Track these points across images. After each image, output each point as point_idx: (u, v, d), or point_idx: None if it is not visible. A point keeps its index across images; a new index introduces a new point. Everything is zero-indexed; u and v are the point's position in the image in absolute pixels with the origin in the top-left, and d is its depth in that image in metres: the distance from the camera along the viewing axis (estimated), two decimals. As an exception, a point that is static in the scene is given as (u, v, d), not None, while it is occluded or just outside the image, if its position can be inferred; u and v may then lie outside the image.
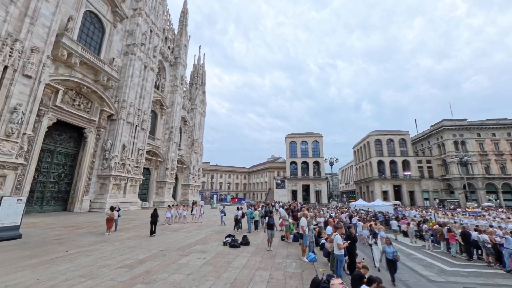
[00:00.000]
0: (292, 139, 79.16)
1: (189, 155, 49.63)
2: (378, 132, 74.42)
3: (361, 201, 37.80)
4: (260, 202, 67.36)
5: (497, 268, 11.21)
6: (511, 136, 62.98)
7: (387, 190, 68.20)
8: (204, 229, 17.27)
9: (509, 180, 60.36)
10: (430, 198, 67.34)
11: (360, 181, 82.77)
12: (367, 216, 21.53)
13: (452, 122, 66.47)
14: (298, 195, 73.30)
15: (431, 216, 19.75)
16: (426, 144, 75.16)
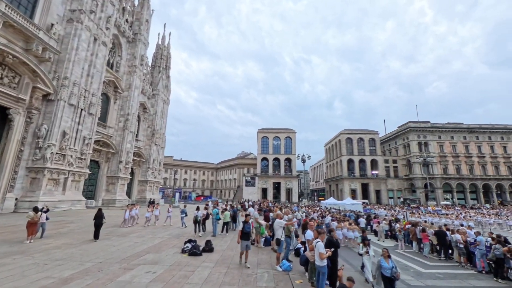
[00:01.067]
0: (264, 134, 78.92)
1: (148, 147, 46.02)
2: (349, 131, 77.91)
3: (332, 200, 38.93)
4: (228, 200, 66.07)
5: (468, 268, 11.63)
6: (467, 140, 70.90)
7: (356, 189, 72.04)
8: (160, 232, 15.49)
9: (462, 180, 68.03)
10: (394, 197, 72.90)
11: (330, 179, 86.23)
12: (340, 215, 21.71)
13: (417, 124, 72.43)
14: (269, 193, 73.63)
15: (404, 216, 20.68)
16: (393, 144, 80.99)
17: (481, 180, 67.80)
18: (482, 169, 68.95)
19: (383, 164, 75.30)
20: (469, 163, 69.30)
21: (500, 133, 70.82)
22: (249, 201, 39.47)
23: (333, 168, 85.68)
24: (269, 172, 76.36)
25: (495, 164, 68.97)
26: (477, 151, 70.06)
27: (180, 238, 13.57)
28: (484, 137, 70.80)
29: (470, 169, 69.13)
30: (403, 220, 19.13)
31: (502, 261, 10.24)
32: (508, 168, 68.68)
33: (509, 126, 71.29)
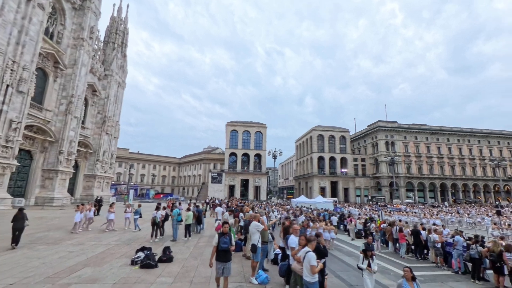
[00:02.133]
0: (233, 128, 77.43)
1: (98, 137, 41.57)
2: (321, 128, 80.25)
3: (303, 198, 39.30)
4: (192, 198, 63.51)
5: (445, 269, 11.91)
6: (428, 141, 77.82)
7: (325, 187, 74.72)
8: (106, 238, 13.45)
9: (423, 180, 74.68)
10: (361, 195, 77.32)
11: (300, 177, 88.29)
12: (314, 215, 21.56)
13: (386, 123, 77.36)
14: (236, 191, 72.69)
15: (379, 215, 21.30)
16: (362, 142, 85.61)
17: (439, 179, 75.16)
18: (440, 169, 76.43)
19: (352, 162, 79.18)
20: (430, 163, 76.27)
21: (457, 136, 79.09)
22: (215, 199, 37.96)
23: (303, 165, 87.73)
24: (237, 168, 75.33)
25: (451, 164, 76.93)
26: (437, 152, 77.35)
27: (132, 245, 11.79)
28: (443, 138, 78.41)
29: (430, 168, 76.16)
30: (378, 220, 19.59)
31: (479, 262, 10.59)
32: (462, 168, 77.12)
33: (464, 129, 79.93)
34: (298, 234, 6.55)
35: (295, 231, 6.54)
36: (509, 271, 9.48)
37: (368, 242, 8.03)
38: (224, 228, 6.17)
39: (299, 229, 6.60)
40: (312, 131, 79.75)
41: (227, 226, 6.17)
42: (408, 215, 25.68)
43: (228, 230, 6.13)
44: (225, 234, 6.13)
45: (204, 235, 15.57)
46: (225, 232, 6.18)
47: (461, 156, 77.63)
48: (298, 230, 6.58)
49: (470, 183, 76.10)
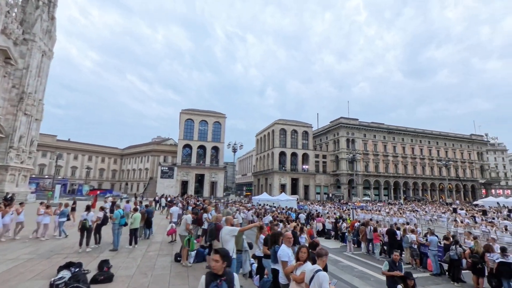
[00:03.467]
0: (189, 116, 73.73)
1: (12, 117, 35.02)
2: (284, 121, 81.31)
3: (266, 195, 38.95)
4: (137, 195, 58.61)
5: (421, 271, 12.13)
6: (385, 140, 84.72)
7: (285, 184, 76.19)
8: (15, 248, 10.64)
9: (379, 178, 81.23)
10: (321, 193, 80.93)
11: (260, 173, 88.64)
12: (282, 214, 20.92)
13: (348, 120, 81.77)
14: (190, 187, 69.67)
15: (350, 214, 21.66)
16: (324, 139, 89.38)
17: (393, 177, 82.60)
18: (395, 167, 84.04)
19: (314, 159, 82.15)
20: (386, 161, 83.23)
21: (410, 136, 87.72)
22: (167, 196, 35.16)
23: (263, 161, 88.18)
24: (192, 161, 72.23)
25: (404, 163, 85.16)
26: (392, 151, 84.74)
27: (53, 259, 9.39)
28: (399, 138, 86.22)
29: (386, 167, 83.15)
30: (348, 219, 19.79)
31: (458, 263, 10.89)
32: (413, 167, 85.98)
33: (417, 130, 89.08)
34: (291, 243, 5.37)
35: (287, 240, 5.36)
36: (489, 272, 9.85)
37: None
38: (214, 266, 3.41)
39: (291, 237, 5.42)
40: (274, 124, 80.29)
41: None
42: (372, 213, 26.94)
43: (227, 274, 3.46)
44: (219, 278, 3.34)
45: (155, 241, 13.60)
46: (218, 273, 3.37)
47: (413, 156, 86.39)
48: (291, 239, 5.40)
49: (419, 182, 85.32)
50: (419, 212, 31.51)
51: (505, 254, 9.53)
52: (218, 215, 9.73)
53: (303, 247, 4.78)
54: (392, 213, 27.03)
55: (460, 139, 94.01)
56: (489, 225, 19.55)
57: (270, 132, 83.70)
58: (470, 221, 24.05)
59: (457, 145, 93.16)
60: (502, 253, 9.58)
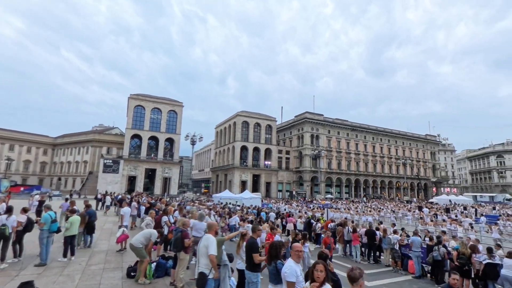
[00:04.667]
0: (139, 102, 68.82)
1: None
2: (247, 113, 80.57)
3: (228, 193, 37.95)
4: (73, 192, 52.78)
5: (403, 273, 12.19)
6: (349, 137, 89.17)
7: (246, 180, 75.88)
8: None
9: (341, 175, 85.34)
10: (283, 190, 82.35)
11: (219, 168, 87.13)
12: (247, 214, 20.02)
13: (312, 115, 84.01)
14: (138, 183, 65.38)
15: (323, 213, 21.58)
16: (288, 134, 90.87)
17: (355, 175, 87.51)
18: (357, 165, 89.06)
19: (277, 154, 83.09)
20: (348, 159, 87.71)
21: (372, 134, 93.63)
22: (110, 193, 31.87)
23: (223, 155, 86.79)
24: (141, 154, 67.79)
25: (366, 161, 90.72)
26: (355, 148, 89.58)
27: None
28: (361, 136, 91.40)
29: (348, 164, 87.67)
30: (322, 218, 19.67)
31: (442, 264, 11.07)
32: (373, 165, 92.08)
33: (379, 128, 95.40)
34: (300, 258, 4.37)
35: (296, 253, 4.34)
36: (474, 273, 10.10)
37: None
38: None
39: (301, 250, 4.42)
40: (236, 116, 79.13)
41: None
42: (341, 212, 27.60)
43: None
44: None
45: (98, 249, 11.64)
46: None
47: (374, 154, 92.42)
48: (300, 253, 4.39)
49: (378, 180, 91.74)
50: (385, 210, 33.26)
51: (492, 255, 9.84)
52: (184, 219, 8.38)
53: (319, 264, 3.81)
54: (361, 211, 27.99)
55: (417, 138, 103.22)
56: (454, 222, 21.08)
57: (231, 124, 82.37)
58: (434, 219, 25.90)
59: (414, 145, 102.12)
60: (488, 254, 9.88)
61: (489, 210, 38.92)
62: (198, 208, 23.99)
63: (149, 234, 8.15)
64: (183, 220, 7.93)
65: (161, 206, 13.74)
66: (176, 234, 7.68)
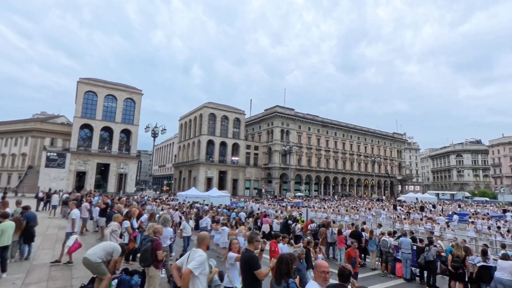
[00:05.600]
0: (90, 88, 63.74)
1: None
2: (214, 105, 78.74)
3: (194, 191, 36.54)
4: (8, 190, 47.32)
5: (391, 277, 12.01)
6: (319, 133, 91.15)
7: (212, 177, 74.35)
8: None
9: (311, 172, 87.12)
10: (251, 187, 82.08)
11: (182, 164, 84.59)
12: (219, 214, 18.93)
13: (283, 109, 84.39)
14: (88, 179, 60.74)
15: (301, 213, 21.11)
16: (257, 128, 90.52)
17: (324, 172, 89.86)
18: (326, 162, 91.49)
19: (245, 150, 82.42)
20: (318, 155, 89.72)
21: (343, 131, 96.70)
22: (55, 191, 28.69)
23: (187, 150, 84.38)
24: (92, 147, 63.12)
25: (335, 158, 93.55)
26: (325, 145, 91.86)
27: None
28: (332, 132, 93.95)
29: (318, 161, 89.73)
30: (300, 219, 19.24)
31: (434, 266, 11.03)
32: (343, 162, 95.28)
33: (350, 125, 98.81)
34: (327, 281, 3.49)
35: (321, 274, 3.45)
36: (468, 276, 10.12)
37: None
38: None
39: (328, 271, 3.53)
40: (203, 107, 77.05)
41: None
42: (315, 210, 27.62)
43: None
44: None
45: (39, 262, 9.85)
46: None
47: (343, 151, 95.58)
48: (328, 274, 3.51)
49: (347, 177, 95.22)
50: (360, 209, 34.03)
51: (487, 257, 9.90)
52: (156, 226, 7.15)
53: None
54: (337, 210, 28.24)
55: (385, 137, 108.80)
56: (429, 221, 21.89)
57: (197, 116, 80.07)
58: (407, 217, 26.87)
59: (382, 143, 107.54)
60: (483, 256, 9.92)
61: (454, 208, 41.83)
62: (162, 209, 22.40)
63: (111, 249, 6.70)
64: (155, 227, 6.71)
65: (121, 208, 12.13)
66: (145, 245, 6.46)
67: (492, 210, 37.62)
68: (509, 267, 9.22)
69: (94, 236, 14.47)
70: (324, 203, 43.44)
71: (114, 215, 9.02)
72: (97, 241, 13.39)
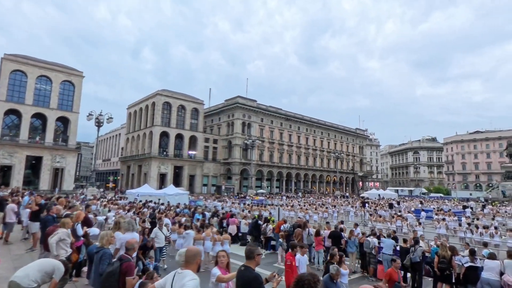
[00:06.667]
0: (19, 67, 57.26)
1: None
2: (169, 93, 75.56)
3: (148, 188, 34.25)
4: None
5: (373, 280, 11.81)
6: (282, 127, 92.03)
7: (167, 173, 71.54)
8: None
9: (273, 168, 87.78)
10: (209, 184, 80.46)
11: (131, 158, 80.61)
12: (180, 215, 17.53)
13: (245, 100, 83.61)
14: (15, 175, 54.67)
15: (272, 212, 20.41)
16: (216, 120, 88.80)
17: (287, 168, 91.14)
18: (289, 157, 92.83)
19: (203, 143, 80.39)
20: (281, 150, 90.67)
21: (306, 125, 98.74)
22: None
23: (137, 142, 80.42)
24: (20, 137, 57.09)
25: (298, 153, 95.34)
26: (288, 139, 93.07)
27: None
28: (295, 126, 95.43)
29: (280, 157, 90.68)
30: (271, 218, 18.60)
31: (420, 267, 10.93)
32: (306, 158, 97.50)
33: (313, 119, 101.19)
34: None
35: None
36: (455, 278, 10.11)
37: None
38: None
39: None
40: (156, 95, 73.52)
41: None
42: (284, 209, 27.29)
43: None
44: None
45: None
46: None
47: (306, 146, 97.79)
48: None
49: (310, 173, 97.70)
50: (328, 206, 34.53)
51: (474, 257, 9.95)
52: (109, 235, 5.75)
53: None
54: (303, 209, 28.23)
55: (347, 132, 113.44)
56: (399, 218, 22.60)
57: (149, 105, 76.23)
58: (375, 214, 27.69)
59: (344, 138, 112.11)
60: (471, 256, 9.95)
61: (415, 204, 44.55)
62: (109, 209, 20.38)
63: (50, 269, 5.13)
64: (109, 236, 5.34)
65: (60, 210, 10.23)
66: (105, 263, 5.08)
67: (450, 206, 40.68)
68: (496, 267, 9.35)
69: (23, 246, 12.30)
70: (290, 200, 43.63)
71: (63, 220, 7.33)
72: (27, 252, 11.38)
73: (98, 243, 5.45)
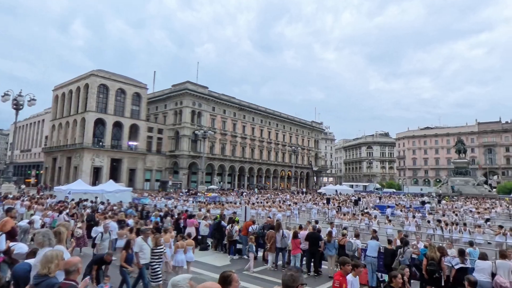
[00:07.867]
0: None
1: None
2: (106, 74, 70.45)
3: (82, 184, 31.02)
4: None
5: (357, 286, 11.40)
6: (236, 117, 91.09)
7: (102, 166, 66.97)
8: None
9: (224, 162, 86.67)
10: (152, 179, 77.04)
11: (58, 149, 74.49)
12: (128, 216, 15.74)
13: (195, 87, 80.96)
14: None
15: (235, 212, 19.14)
16: (162, 108, 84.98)
17: (239, 162, 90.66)
18: (242, 150, 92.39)
19: (146, 133, 76.67)
20: (233, 143, 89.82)
21: (261, 116, 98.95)
22: None
23: (65, 131, 74.47)
24: None
25: (252, 146, 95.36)
26: (242, 131, 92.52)
27: None
28: (249, 117, 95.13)
29: (233, 149, 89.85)
30: (236, 219, 17.56)
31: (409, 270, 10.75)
32: (260, 151, 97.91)
33: (269, 110, 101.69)
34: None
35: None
36: (445, 280, 10.07)
37: None
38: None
39: None
40: (90, 76, 68.05)
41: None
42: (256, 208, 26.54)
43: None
44: None
45: None
46: None
47: (261, 139, 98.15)
48: None
49: (264, 168, 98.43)
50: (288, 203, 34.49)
51: (465, 258, 9.98)
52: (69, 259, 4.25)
53: None
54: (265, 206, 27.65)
55: (303, 125, 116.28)
56: (366, 216, 23.05)
57: (81, 87, 70.49)
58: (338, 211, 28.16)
59: (300, 131, 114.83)
60: (461, 257, 9.96)
61: (374, 200, 46.82)
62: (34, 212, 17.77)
63: None
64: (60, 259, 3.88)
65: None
66: None
67: (407, 202, 43.35)
68: (488, 268, 9.44)
69: None
70: (248, 198, 43.10)
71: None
72: None
73: (39, 268, 3.84)
